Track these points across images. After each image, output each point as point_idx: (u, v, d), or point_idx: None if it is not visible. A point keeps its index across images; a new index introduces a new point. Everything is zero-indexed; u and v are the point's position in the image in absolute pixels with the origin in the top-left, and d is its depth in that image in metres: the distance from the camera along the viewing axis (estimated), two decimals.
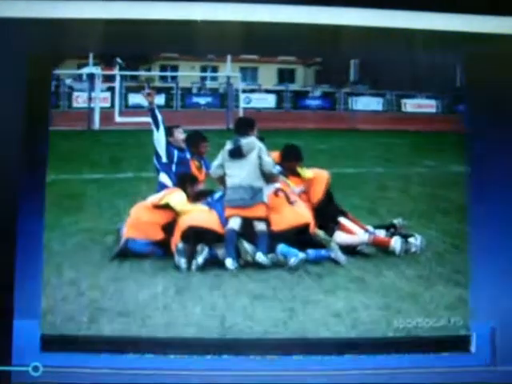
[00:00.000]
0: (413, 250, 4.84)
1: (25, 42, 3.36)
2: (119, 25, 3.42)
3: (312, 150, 6.16)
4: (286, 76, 6.27)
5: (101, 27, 3.43)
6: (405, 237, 4.87)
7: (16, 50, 3.35)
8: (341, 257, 4.62)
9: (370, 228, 5.04)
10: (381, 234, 4.99)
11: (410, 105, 6.18)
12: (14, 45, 3.34)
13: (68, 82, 5.79)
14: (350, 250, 4.77)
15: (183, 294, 4.06)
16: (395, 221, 5.11)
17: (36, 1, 3.34)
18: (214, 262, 4.56)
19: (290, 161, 5.11)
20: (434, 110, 6.13)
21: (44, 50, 3.44)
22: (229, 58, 5.95)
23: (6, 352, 3.18)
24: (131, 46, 3.65)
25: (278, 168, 4.90)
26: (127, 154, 6.14)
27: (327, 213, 4.98)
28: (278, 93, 6.15)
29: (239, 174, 4.73)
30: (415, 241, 4.87)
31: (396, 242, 4.79)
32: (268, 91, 6.16)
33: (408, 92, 6.04)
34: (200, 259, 4.51)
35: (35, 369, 3.17)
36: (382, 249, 4.80)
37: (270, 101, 6.15)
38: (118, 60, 5.54)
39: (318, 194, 5.03)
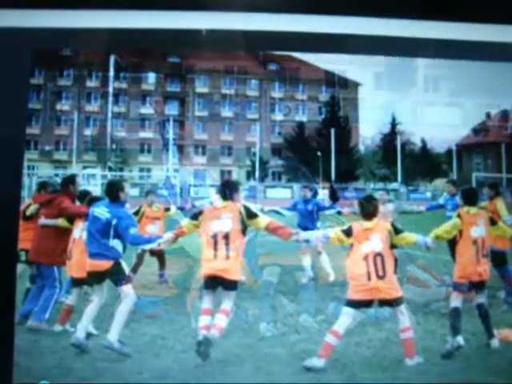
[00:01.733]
0: (503, 308, 4.74)
1: None
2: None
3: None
4: (335, 82, 6.17)
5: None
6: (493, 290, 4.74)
7: None
8: (409, 318, 4.28)
9: (447, 279, 4.85)
10: (462, 286, 4.65)
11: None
12: None
13: (51, 86, 5.67)
14: (421, 308, 4.70)
15: (203, 369, 3.88)
16: (479, 268, 4.69)
17: None
18: (243, 327, 4.44)
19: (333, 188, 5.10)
20: None
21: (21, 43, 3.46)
22: (261, 54, 5.85)
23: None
24: (131, 38, 3.65)
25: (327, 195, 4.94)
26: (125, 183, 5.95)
27: (393, 259, 4.56)
28: (325, 103, 6.03)
29: (276, 207, 4.71)
30: (506, 296, 4.78)
31: (482, 297, 4.47)
32: (313, 99, 6.04)
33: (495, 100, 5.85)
34: (224, 322, 4.24)
35: None
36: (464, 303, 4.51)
37: (315, 112, 6.07)
38: (116, 57, 5.47)
39: (381, 231, 4.63)
